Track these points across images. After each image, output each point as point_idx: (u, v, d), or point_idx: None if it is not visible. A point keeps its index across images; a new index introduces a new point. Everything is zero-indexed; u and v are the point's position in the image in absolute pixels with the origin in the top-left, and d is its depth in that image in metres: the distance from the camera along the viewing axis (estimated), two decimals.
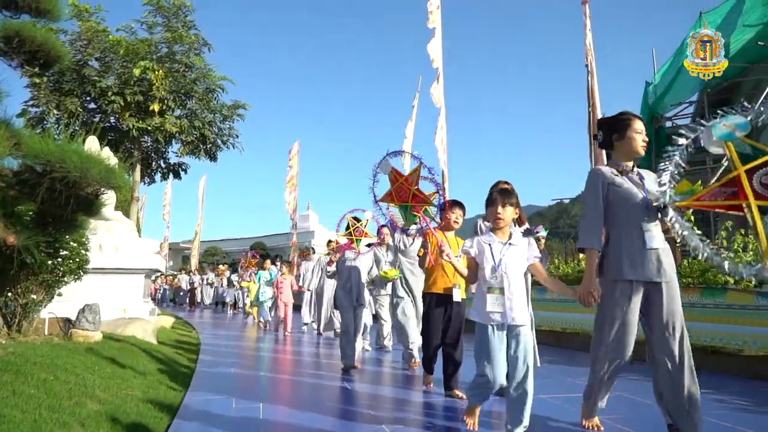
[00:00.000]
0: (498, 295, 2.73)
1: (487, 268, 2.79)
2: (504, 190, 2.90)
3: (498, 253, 2.81)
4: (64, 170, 3.05)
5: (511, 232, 2.91)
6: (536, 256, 2.89)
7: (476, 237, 2.95)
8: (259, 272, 11.93)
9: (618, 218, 2.79)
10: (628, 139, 2.83)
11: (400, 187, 3.27)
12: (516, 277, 2.78)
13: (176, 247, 41.03)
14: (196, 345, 7.52)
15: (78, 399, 3.05)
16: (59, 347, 4.51)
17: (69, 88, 14.83)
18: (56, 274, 5.20)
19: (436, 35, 12.68)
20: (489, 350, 2.73)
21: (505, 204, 2.85)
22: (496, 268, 2.77)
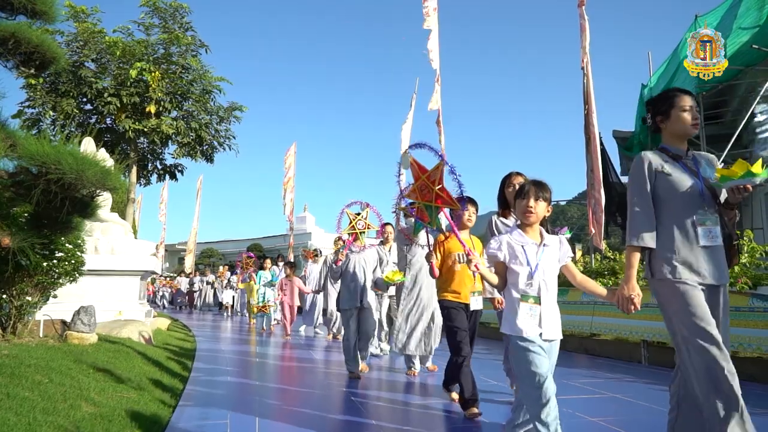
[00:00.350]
0: (533, 304, 2.40)
1: (521, 273, 2.43)
2: (538, 182, 2.55)
3: (534, 256, 2.46)
4: (59, 172, 3.04)
5: (541, 231, 2.56)
6: (569, 255, 2.55)
7: (502, 236, 2.56)
8: (260, 272, 11.44)
9: (668, 211, 2.42)
10: (675, 118, 2.50)
11: (424, 184, 2.93)
12: (553, 284, 2.46)
13: (172, 249, 40.93)
14: (191, 350, 7.50)
15: (73, 402, 3.04)
16: (54, 349, 4.49)
17: (65, 89, 14.80)
18: (51, 275, 5.18)
19: (433, 37, 12.71)
20: (535, 367, 2.31)
21: (538, 197, 2.50)
22: (533, 273, 2.42)
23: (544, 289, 2.41)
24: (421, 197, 3.01)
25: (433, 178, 2.88)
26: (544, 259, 2.46)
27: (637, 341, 6.18)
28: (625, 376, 5.12)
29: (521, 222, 2.57)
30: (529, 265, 2.44)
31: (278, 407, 3.89)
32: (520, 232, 2.54)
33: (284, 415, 3.66)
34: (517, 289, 2.44)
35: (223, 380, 4.90)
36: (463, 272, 3.70)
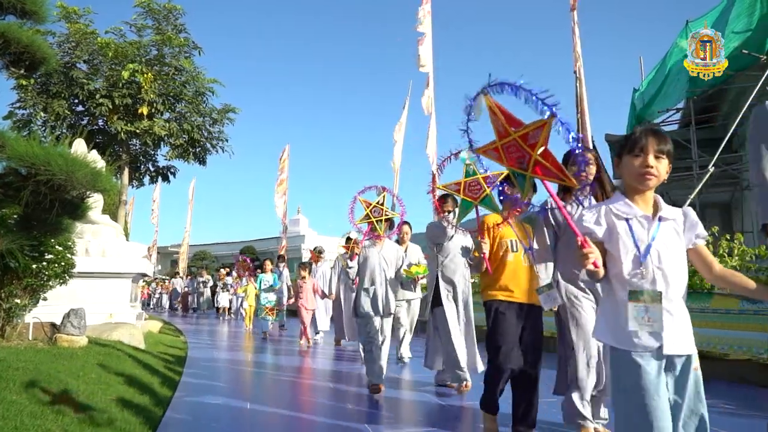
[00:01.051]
0: (648, 303, 1.68)
1: (625, 258, 1.74)
2: (655, 131, 1.80)
3: (644, 233, 1.75)
4: (48, 173, 3.01)
5: (656, 200, 1.83)
6: (701, 235, 1.81)
7: (601, 206, 1.87)
8: (260, 276, 10.62)
9: None
10: None
11: (513, 144, 2.02)
12: (676, 273, 1.72)
13: (165, 251, 40.71)
14: (182, 353, 7.45)
15: (61, 405, 3.01)
16: (43, 352, 4.44)
17: (56, 90, 14.71)
18: (41, 278, 5.13)
19: (426, 41, 12.74)
20: (644, 395, 1.62)
21: (660, 153, 1.76)
22: (643, 257, 1.72)
23: (662, 282, 1.69)
24: (507, 161, 2.10)
25: (532, 140, 1.95)
26: (660, 238, 1.74)
27: None
28: None
29: (636, 187, 1.82)
30: (637, 248, 1.73)
31: (276, 418, 3.86)
32: (625, 202, 1.81)
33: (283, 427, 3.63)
34: (622, 281, 1.74)
35: (214, 383, 4.87)
36: (517, 263, 3.06)
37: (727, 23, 10.41)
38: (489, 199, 2.96)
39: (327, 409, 3.96)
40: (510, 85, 1.94)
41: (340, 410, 3.90)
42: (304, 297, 8.85)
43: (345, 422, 3.46)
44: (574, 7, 8.95)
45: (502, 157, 2.11)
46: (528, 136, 1.97)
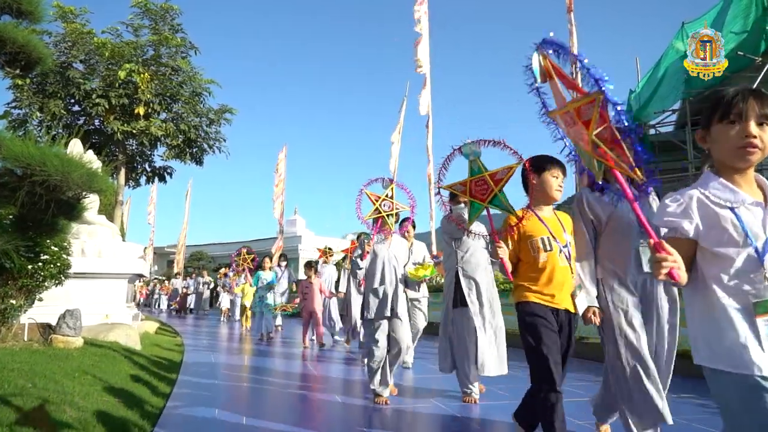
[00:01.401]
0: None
1: (737, 257, 1.37)
2: (757, 92, 1.43)
3: (758, 224, 1.40)
4: (44, 174, 3.00)
5: (760, 182, 1.50)
6: None
7: (689, 192, 1.49)
8: (258, 273, 10.00)
9: None
10: None
11: (569, 117, 1.72)
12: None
13: (161, 252, 40.62)
14: (179, 354, 7.43)
15: (56, 406, 3.00)
16: (39, 353, 4.43)
17: (53, 90, 14.66)
18: (36, 278, 5.12)
19: (423, 41, 12.76)
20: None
21: (765, 118, 1.41)
22: (762, 256, 1.36)
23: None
24: (572, 135, 1.77)
25: (585, 117, 1.63)
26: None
27: None
28: None
29: (724, 165, 1.49)
30: (752, 244, 1.36)
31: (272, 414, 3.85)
32: (723, 184, 1.45)
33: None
34: (727, 287, 1.38)
35: (210, 383, 4.86)
36: (552, 263, 2.59)
37: (724, 25, 10.46)
38: (499, 199, 2.58)
39: (328, 422, 3.66)
40: (558, 46, 1.79)
41: (342, 423, 3.63)
42: (310, 298, 8.41)
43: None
44: (570, 8, 8.98)
45: (575, 121, 1.69)
46: (581, 110, 1.66)
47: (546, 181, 2.69)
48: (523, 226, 2.65)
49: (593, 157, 1.68)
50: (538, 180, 2.66)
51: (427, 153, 13.13)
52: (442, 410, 3.89)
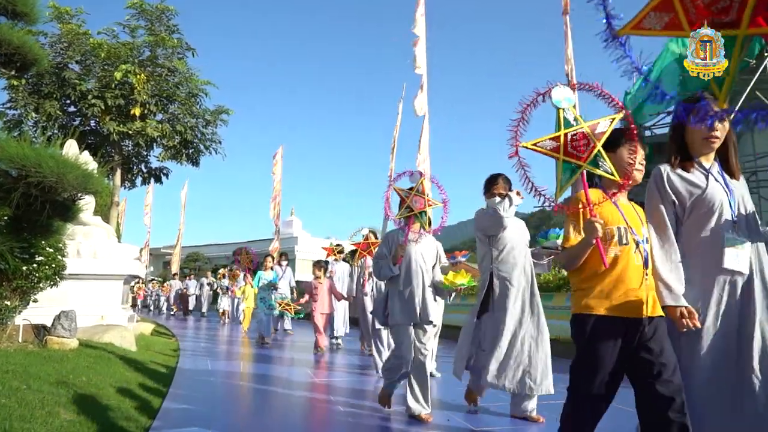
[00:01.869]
0: None
1: None
2: None
3: None
4: (39, 175, 3.00)
5: None
6: None
7: None
8: (258, 273, 9.59)
9: None
10: None
11: None
12: None
13: (157, 253, 40.51)
14: (174, 355, 7.42)
15: (51, 409, 2.99)
16: (33, 355, 4.42)
17: (48, 90, 14.62)
18: (31, 280, 5.10)
19: (421, 43, 12.77)
20: None
21: None
22: None
23: None
24: None
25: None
26: None
27: None
28: None
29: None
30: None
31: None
32: None
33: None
34: None
35: (206, 378, 4.86)
36: (626, 260, 2.07)
37: None
38: (600, 158, 2.06)
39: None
40: None
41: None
42: (319, 299, 7.88)
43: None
44: (566, 11, 9.01)
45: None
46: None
47: (623, 158, 2.18)
48: (598, 210, 2.11)
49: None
50: (614, 157, 2.15)
51: (419, 152, 13.11)
52: (460, 425, 3.53)
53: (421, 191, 3.87)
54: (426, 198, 3.86)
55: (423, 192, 3.87)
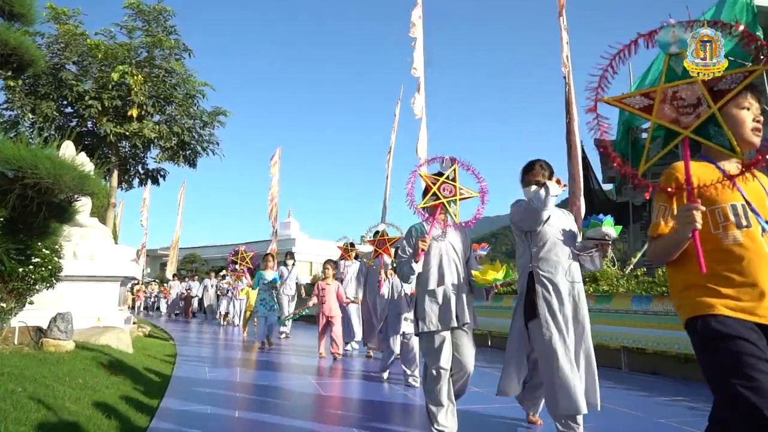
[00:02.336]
0: None
1: None
2: None
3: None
4: (36, 176, 2.99)
5: None
6: None
7: None
8: (259, 273, 8.95)
9: None
10: None
11: None
12: None
13: (154, 254, 40.43)
14: (171, 356, 7.40)
15: (46, 411, 2.98)
16: (29, 357, 4.40)
17: (45, 91, 14.57)
18: (27, 281, 5.08)
19: (418, 45, 12.80)
20: None
21: None
22: None
23: None
24: None
25: None
26: None
27: (617, 347, 6.26)
28: (605, 382, 5.15)
29: None
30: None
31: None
32: None
33: None
34: None
35: (203, 381, 4.84)
36: (753, 247, 1.62)
37: None
38: (716, 123, 1.58)
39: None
40: None
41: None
42: (327, 302, 7.29)
43: None
44: (561, 12, 9.04)
45: None
46: None
47: (735, 116, 1.71)
48: (698, 188, 1.65)
49: None
50: (727, 118, 1.68)
51: (416, 155, 13.14)
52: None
53: (452, 179, 3.38)
54: (457, 186, 3.36)
55: (455, 180, 3.38)
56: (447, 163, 3.44)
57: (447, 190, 3.33)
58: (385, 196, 15.72)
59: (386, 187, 15.45)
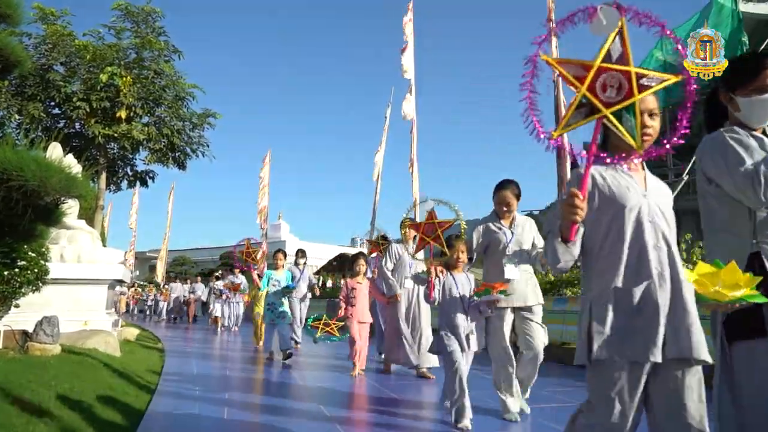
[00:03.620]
0: None
1: None
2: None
3: None
4: (21, 179, 2.95)
5: None
6: None
7: None
8: (268, 272, 7.75)
9: None
10: None
11: None
12: None
13: (143, 257, 40.13)
14: (159, 361, 7.33)
15: (31, 416, 2.94)
16: (14, 361, 4.34)
17: (32, 92, 14.43)
18: (13, 285, 5.01)
19: (409, 48, 12.83)
20: None
21: None
22: None
23: None
24: None
25: None
26: None
27: None
28: None
29: None
30: None
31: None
32: None
33: None
34: None
35: (190, 388, 4.80)
36: None
37: None
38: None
39: None
40: None
41: None
42: (358, 305, 5.94)
43: None
44: (550, 19, 9.12)
45: None
46: None
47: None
48: None
49: None
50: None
51: (411, 157, 13.17)
52: None
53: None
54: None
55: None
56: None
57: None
58: (375, 199, 15.72)
59: (376, 189, 15.45)
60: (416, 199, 5.02)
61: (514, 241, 3.73)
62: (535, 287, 3.77)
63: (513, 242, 3.73)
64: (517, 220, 3.87)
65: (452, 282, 3.66)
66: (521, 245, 3.74)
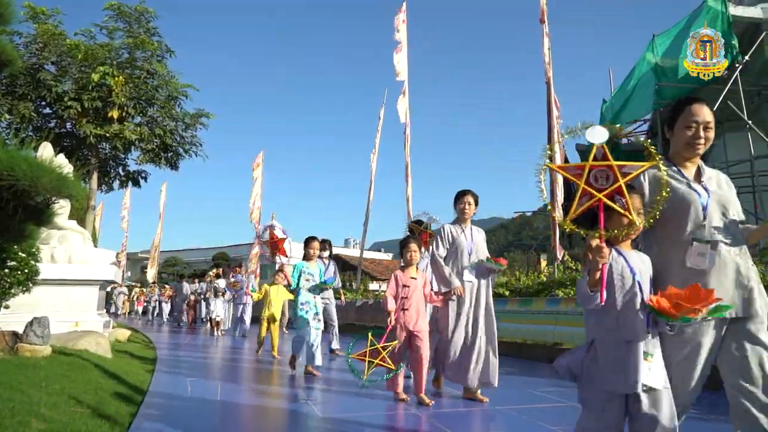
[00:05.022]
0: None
1: None
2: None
3: None
4: (12, 178, 2.93)
5: None
6: None
7: None
8: (298, 265, 6.21)
9: None
10: None
11: None
12: None
13: (134, 257, 39.90)
14: (151, 360, 7.30)
15: (21, 418, 2.92)
16: (4, 363, 4.31)
17: (23, 92, 14.30)
18: (2, 285, 4.99)
19: (402, 49, 12.86)
20: None
21: None
22: None
23: None
24: None
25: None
26: None
27: None
28: None
29: None
30: None
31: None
32: None
33: None
34: None
35: (181, 392, 4.78)
36: None
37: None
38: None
39: None
40: None
41: None
42: (410, 307, 4.32)
43: None
44: (543, 19, 9.16)
45: None
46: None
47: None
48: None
49: None
50: None
51: (406, 159, 13.19)
52: None
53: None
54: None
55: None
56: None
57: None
58: (368, 199, 15.72)
59: (370, 190, 15.45)
60: None
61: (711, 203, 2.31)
62: None
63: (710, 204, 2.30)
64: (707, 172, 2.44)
65: (624, 264, 2.17)
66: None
